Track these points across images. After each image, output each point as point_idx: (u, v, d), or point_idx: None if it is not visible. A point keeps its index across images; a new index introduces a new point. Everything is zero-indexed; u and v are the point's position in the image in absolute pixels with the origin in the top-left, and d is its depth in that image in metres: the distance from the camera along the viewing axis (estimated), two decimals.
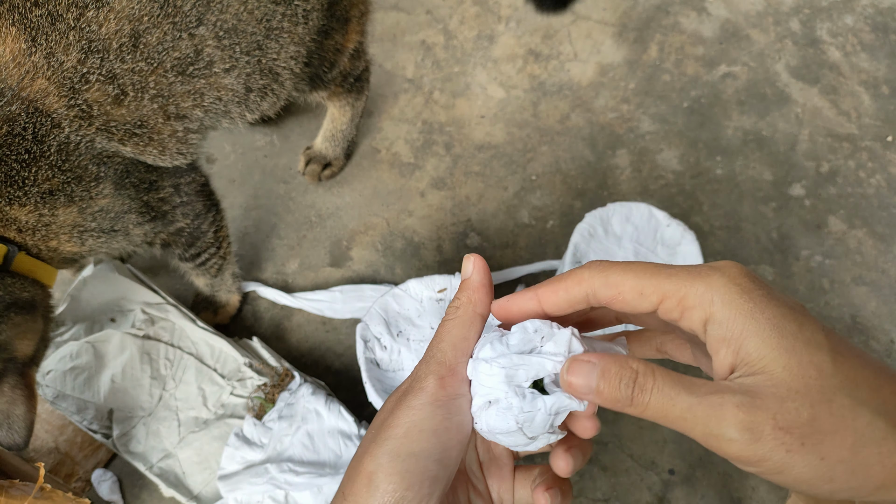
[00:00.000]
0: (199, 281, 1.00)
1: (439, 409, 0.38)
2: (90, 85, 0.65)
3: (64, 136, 0.65)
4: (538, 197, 1.18)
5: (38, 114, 0.63)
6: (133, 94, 0.68)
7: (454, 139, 1.24)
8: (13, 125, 0.62)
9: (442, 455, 0.37)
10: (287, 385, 0.94)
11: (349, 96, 1.09)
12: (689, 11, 1.35)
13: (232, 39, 0.74)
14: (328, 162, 1.18)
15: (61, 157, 0.66)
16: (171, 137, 0.75)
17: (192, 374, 0.94)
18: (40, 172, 0.65)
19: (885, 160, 1.21)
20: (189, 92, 0.73)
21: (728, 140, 1.23)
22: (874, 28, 1.32)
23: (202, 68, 0.72)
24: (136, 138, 0.71)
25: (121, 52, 0.66)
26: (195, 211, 0.85)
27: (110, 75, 0.66)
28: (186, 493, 0.91)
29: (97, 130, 0.67)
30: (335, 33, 0.91)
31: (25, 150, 0.63)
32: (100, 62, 0.65)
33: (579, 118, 1.25)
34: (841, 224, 1.16)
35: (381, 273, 1.13)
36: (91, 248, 0.75)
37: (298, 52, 0.85)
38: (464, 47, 1.32)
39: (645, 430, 1.02)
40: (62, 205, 0.68)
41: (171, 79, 0.70)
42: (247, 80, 0.79)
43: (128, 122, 0.69)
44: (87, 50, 0.64)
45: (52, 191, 0.66)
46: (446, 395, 0.38)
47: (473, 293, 0.40)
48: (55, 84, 0.63)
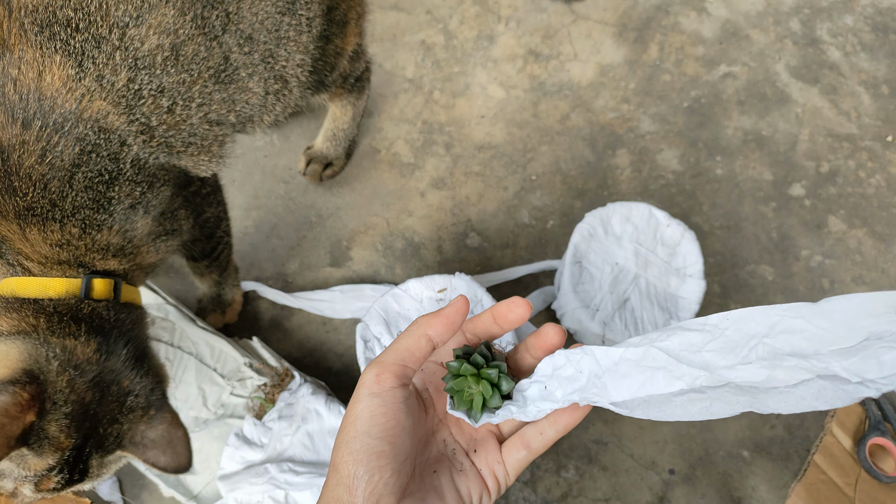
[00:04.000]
0: (207, 280, 1.00)
1: (375, 398, 0.45)
2: (144, 100, 0.67)
3: (134, 152, 0.68)
4: (538, 197, 1.18)
5: (105, 132, 0.65)
6: (182, 104, 0.71)
7: (454, 139, 1.24)
8: (84, 144, 0.64)
9: (384, 433, 0.44)
10: (287, 385, 0.94)
11: (350, 96, 1.09)
12: (689, 11, 1.35)
13: (250, 47, 0.77)
14: (329, 162, 1.18)
15: (135, 170, 0.69)
16: (215, 142, 0.78)
17: (192, 374, 0.94)
18: (123, 189, 0.68)
19: (885, 160, 1.21)
20: (224, 99, 0.76)
21: (728, 140, 1.23)
22: (874, 28, 1.32)
23: (231, 74, 0.75)
24: (191, 147, 0.74)
25: (165, 66, 0.68)
26: (217, 199, 0.89)
27: (160, 89, 0.68)
28: (186, 493, 0.91)
29: (158, 144, 0.70)
30: (335, 38, 0.92)
31: (105, 169, 0.66)
32: (149, 78, 0.67)
33: (579, 118, 1.25)
34: (841, 224, 1.16)
35: (381, 273, 1.13)
36: (162, 255, 0.78)
37: (304, 60, 0.87)
38: (464, 47, 1.32)
39: (645, 430, 1.02)
40: (140, 217, 0.71)
41: (211, 87, 0.73)
42: (265, 84, 0.82)
43: (183, 132, 0.72)
44: (134, 67, 0.66)
45: (134, 205, 0.70)
46: (380, 386, 0.46)
47: (436, 319, 0.47)
48: (111, 103, 0.65)
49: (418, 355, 0.47)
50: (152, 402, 0.68)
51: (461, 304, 0.48)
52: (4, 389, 0.58)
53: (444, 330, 0.48)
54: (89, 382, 0.64)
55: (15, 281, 0.67)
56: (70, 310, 0.67)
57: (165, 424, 0.67)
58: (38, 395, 0.60)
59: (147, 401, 0.67)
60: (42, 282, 0.67)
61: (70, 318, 0.66)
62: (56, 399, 0.61)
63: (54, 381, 0.61)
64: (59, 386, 0.61)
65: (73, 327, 0.66)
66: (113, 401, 0.65)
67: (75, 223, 0.65)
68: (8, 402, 0.57)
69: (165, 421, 0.67)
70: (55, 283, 0.67)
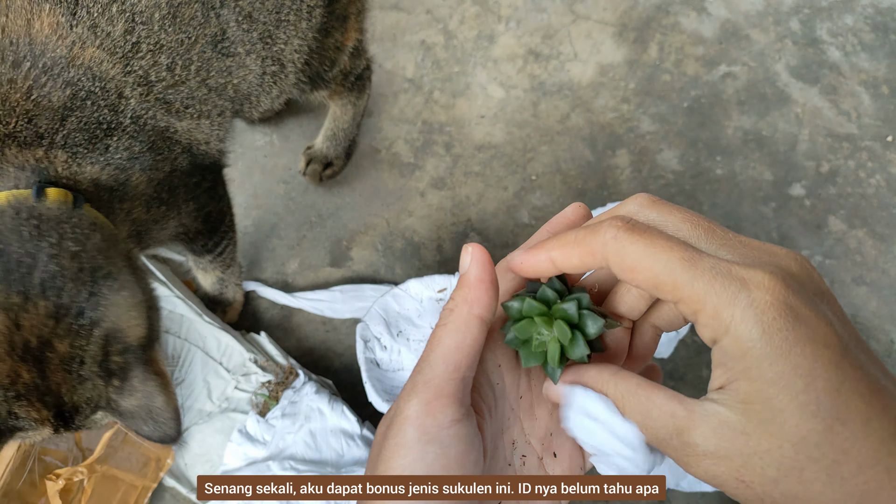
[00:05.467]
0: (210, 278, 1.00)
1: (430, 444, 0.31)
2: (142, 54, 0.67)
3: (132, 106, 0.67)
4: (538, 197, 1.18)
5: (100, 80, 0.65)
6: (182, 64, 0.70)
7: (454, 139, 1.24)
8: (76, 89, 0.63)
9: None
10: (291, 383, 0.94)
11: (351, 95, 1.09)
12: (689, 11, 1.35)
13: (249, 25, 0.77)
14: (329, 161, 1.18)
15: (136, 126, 0.67)
16: (214, 110, 0.77)
17: (197, 366, 0.95)
18: (122, 141, 0.67)
19: (885, 160, 1.21)
20: (222, 69, 0.76)
21: (728, 140, 1.23)
22: (874, 28, 1.32)
23: (229, 47, 0.76)
24: (190, 109, 0.73)
25: (164, 24, 0.68)
26: (220, 194, 0.88)
27: (159, 45, 0.68)
28: (188, 485, 0.91)
29: (156, 100, 0.69)
30: (335, 31, 0.92)
31: (104, 119, 0.65)
32: (147, 32, 0.67)
33: (579, 118, 1.25)
34: (841, 224, 1.16)
35: (381, 273, 1.13)
36: (153, 218, 0.74)
37: (301, 47, 0.87)
38: (464, 47, 1.32)
39: None
40: (137, 171, 0.69)
41: (209, 53, 0.73)
42: (262, 63, 0.82)
43: (181, 92, 0.71)
44: (132, 20, 0.66)
45: (132, 158, 0.68)
46: (436, 424, 0.31)
47: (470, 291, 0.34)
48: (106, 51, 0.65)
49: (474, 350, 0.34)
50: (111, 369, 0.56)
51: (479, 254, 0.34)
52: None
53: (484, 294, 0.34)
54: (9, 358, 0.54)
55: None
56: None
57: (137, 395, 0.56)
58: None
59: (102, 368, 0.56)
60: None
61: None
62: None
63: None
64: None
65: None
66: (57, 370, 0.54)
67: (65, 150, 0.63)
68: None
69: (136, 391, 0.56)
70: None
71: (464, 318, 0.33)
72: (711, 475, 0.31)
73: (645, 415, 0.32)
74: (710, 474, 0.31)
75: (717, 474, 0.30)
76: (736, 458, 0.30)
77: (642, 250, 0.31)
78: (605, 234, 0.32)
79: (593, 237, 0.32)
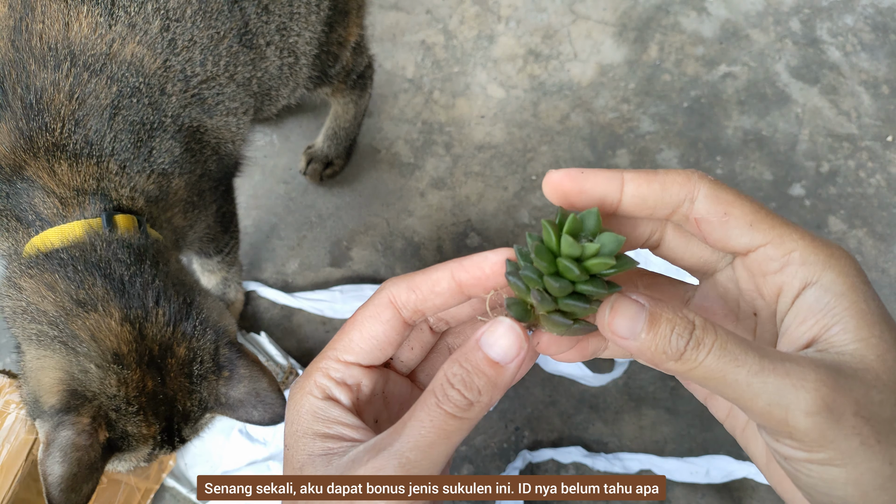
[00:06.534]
0: (216, 277, 1.01)
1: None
2: (179, 50, 0.68)
3: (173, 104, 0.68)
4: (538, 197, 1.18)
5: (144, 76, 0.65)
6: (213, 59, 0.72)
7: (454, 139, 1.24)
8: (122, 85, 0.64)
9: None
10: (291, 383, 0.94)
11: (352, 93, 1.09)
12: (689, 11, 1.35)
13: (267, 17, 0.78)
14: (330, 161, 1.18)
15: (176, 126, 0.69)
16: (241, 108, 0.78)
17: None
18: (164, 143, 0.68)
19: (885, 160, 1.21)
20: (247, 62, 0.77)
21: (728, 140, 1.23)
22: (874, 28, 1.32)
23: (251, 39, 0.77)
24: (220, 106, 0.74)
25: (195, 20, 0.69)
26: (231, 197, 0.89)
27: (192, 41, 0.69)
28: (188, 485, 0.91)
29: (193, 97, 0.70)
30: (338, 26, 0.94)
31: (147, 118, 0.66)
32: (181, 29, 0.68)
33: (579, 118, 1.25)
34: (841, 224, 1.16)
35: (381, 273, 1.13)
36: (189, 223, 0.76)
37: (312, 39, 0.89)
38: (464, 47, 1.32)
39: (645, 430, 1.02)
40: (177, 176, 0.70)
41: (236, 47, 0.74)
42: (280, 55, 0.83)
43: (213, 88, 0.73)
44: (167, 18, 0.67)
45: (172, 163, 0.69)
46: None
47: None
48: (147, 47, 0.66)
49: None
50: (221, 363, 0.62)
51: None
52: (62, 423, 0.54)
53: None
54: (139, 368, 0.58)
55: (36, 238, 0.63)
56: (84, 255, 0.61)
57: (245, 381, 0.61)
58: (97, 412, 0.56)
59: (215, 363, 0.61)
60: (61, 229, 0.62)
61: (86, 269, 0.60)
62: (117, 406, 0.57)
63: (102, 388, 0.57)
64: (110, 391, 0.57)
65: (92, 285, 0.59)
66: (177, 375, 0.59)
67: (114, 159, 0.64)
68: (72, 436, 0.54)
69: (244, 378, 0.61)
70: (73, 227, 0.62)
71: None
72: (822, 430, 0.28)
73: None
74: (821, 429, 0.28)
75: None
76: (857, 391, 0.28)
77: (734, 193, 0.33)
78: (692, 173, 0.33)
79: (680, 173, 0.33)
